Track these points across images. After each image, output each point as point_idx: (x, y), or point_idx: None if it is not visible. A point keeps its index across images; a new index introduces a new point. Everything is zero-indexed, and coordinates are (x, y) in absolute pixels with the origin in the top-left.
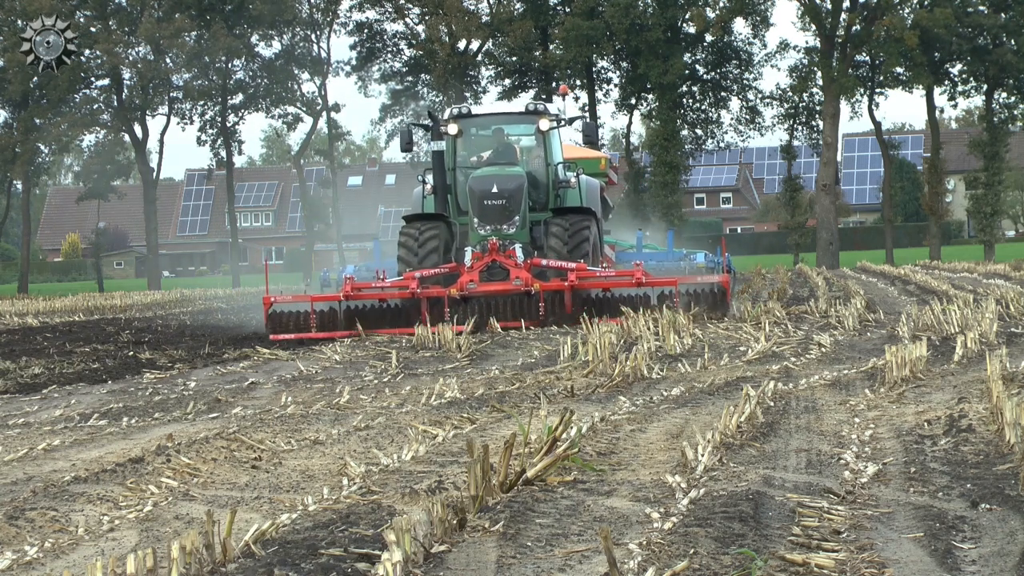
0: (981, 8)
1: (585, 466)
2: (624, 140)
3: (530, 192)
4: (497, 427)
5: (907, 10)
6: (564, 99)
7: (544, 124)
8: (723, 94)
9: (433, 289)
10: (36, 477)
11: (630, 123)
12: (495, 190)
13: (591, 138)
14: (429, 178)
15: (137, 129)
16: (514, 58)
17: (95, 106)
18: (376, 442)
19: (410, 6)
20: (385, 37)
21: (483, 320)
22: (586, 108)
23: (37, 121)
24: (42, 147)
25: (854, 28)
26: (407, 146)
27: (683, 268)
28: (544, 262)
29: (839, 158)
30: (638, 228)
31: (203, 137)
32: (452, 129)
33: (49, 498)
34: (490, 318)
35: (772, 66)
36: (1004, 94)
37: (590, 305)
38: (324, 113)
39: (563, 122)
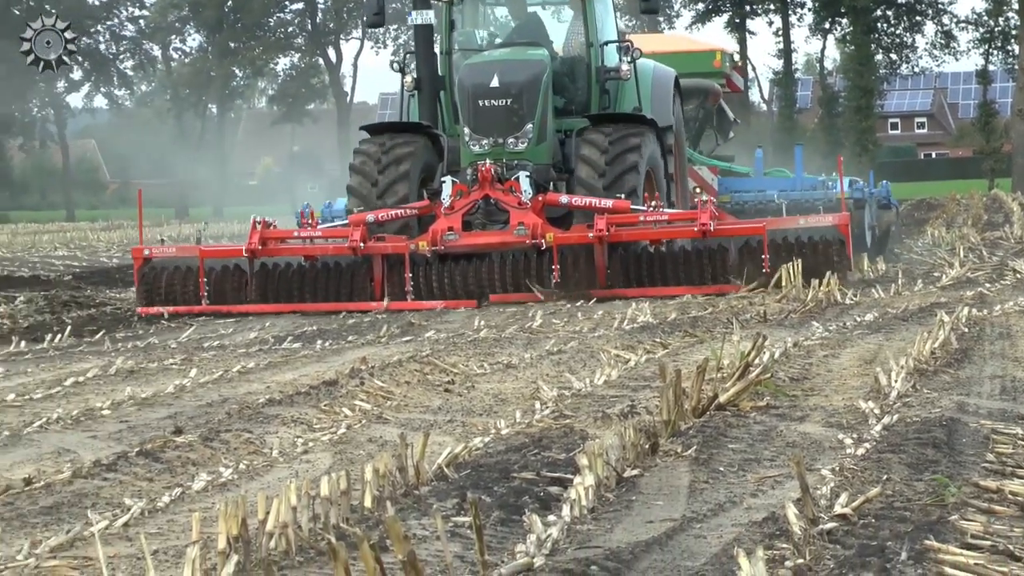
0: None
1: (778, 391)
2: (818, 65)
3: (564, 87)
4: (689, 352)
5: None
6: None
7: None
8: (917, 18)
9: (389, 242)
10: (231, 399)
11: (824, 48)
12: (495, 83)
13: (651, 4)
14: (414, 67)
15: (331, 53)
16: None
17: (289, 29)
18: (568, 366)
19: None
20: None
21: (475, 290)
22: (780, 32)
23: (232, 45)
24: (236, 71)
25: None
26: (376, 18)
27: (814, 202)
28: (564, 198)
29: None
30: (757, 146)
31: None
32: None
33: (244, 420)
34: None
35: None
36: None
37: (637, 267)
38: None
39: None
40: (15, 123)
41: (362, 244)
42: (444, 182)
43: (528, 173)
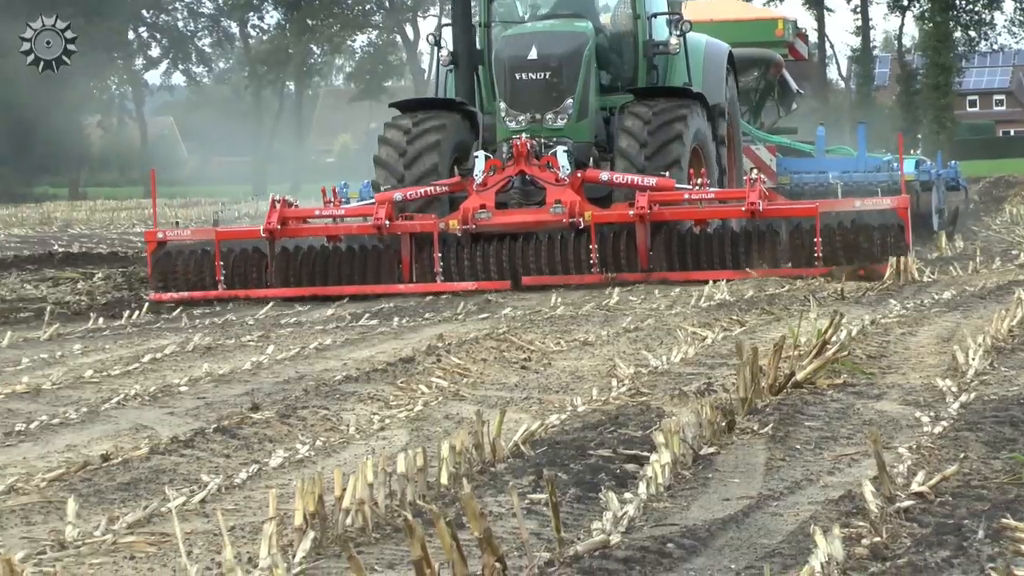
0: None
1: (855, 369)
2: (896, 41)
3: (610, 63)
4: (766, 329)
5: None
6: None
7: None
8: None
9: (417, 221)
10: (308, 376)
11: (902, 24)
12: (533, 56)
13: None
14: (449, 39)
15: (408, 30)
16: None
17: (367, 7)
18: (645, 343)
19: None
20: None
21: (508, 272)
22: (858, 9)
23: (309, 22)
24: (314, 48)
25: None
26: None
27: (877, 184)
28: (604, 175)
29: None
30: (819, 122)
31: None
32: None
33: (320, 397)
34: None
35: None
36: None
37: (681, 248)
38: None
39: None
40: (93, 101)
41: (387, 223)
42: (476, 157)
43: (567, 148)
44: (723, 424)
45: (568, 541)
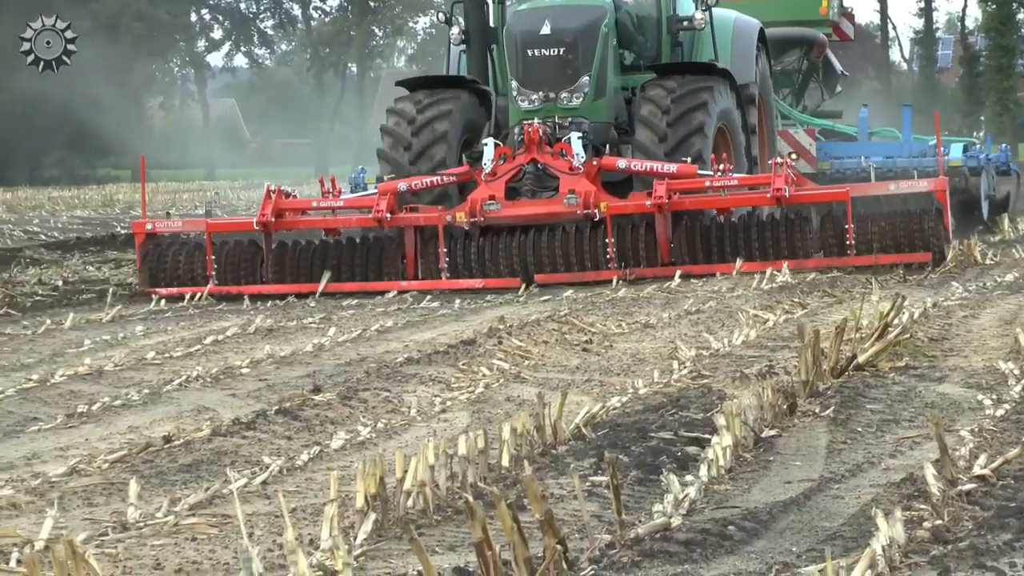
0: None
1: (917, 352)
2: (959, 23)
3: (632, 39)
4: (828, 312)
5: None
6: None
7: None
8: None
9: (421, 213)
10: (369, 358)
11: (965, 6)
12: (546, 31)
13: None
14: (461, 17)
15: None
16: None
17: None
18: (707, 326)
19: None
20: None
21: (519, 268)
22: None
23: (372, 4)
24: (376, 30)
25: None
26: None
27: (923, 169)
28: (621, 162)
29: None
30: (863, 104)
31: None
32: None
33: (382, 379)
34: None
35: None
36: None
37: (706, 239)
38: None
39: None
40: (156, 83)
41: (388, 215)
42: (486, 144)
43: (581, 134)
44: (784, 407)
45: (629, 523)
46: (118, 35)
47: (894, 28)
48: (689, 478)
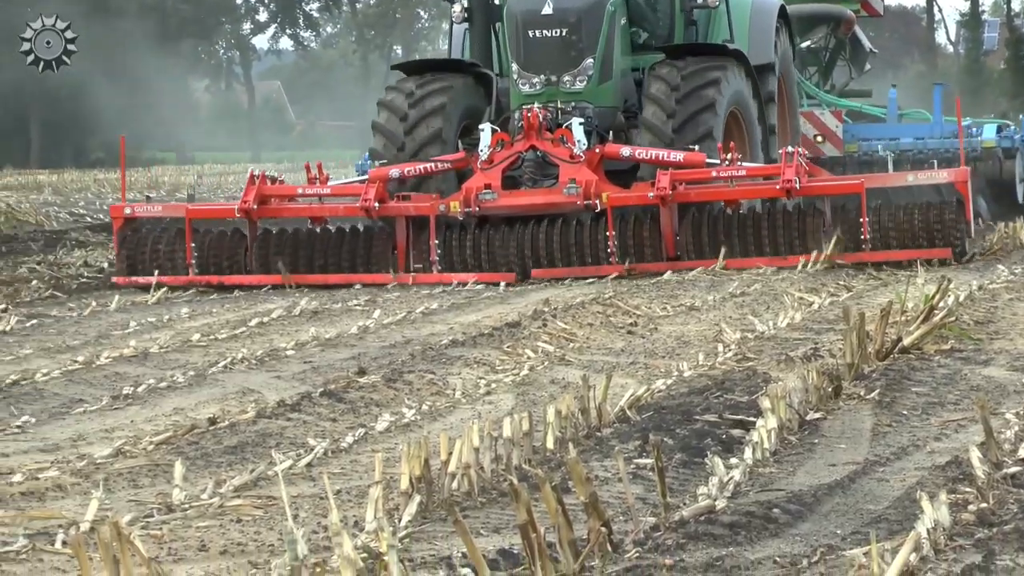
0: None
1: (962, 335)
2: (1005, 6)
3: (644, 18)
4: (873, 295)
5: None
6: None
7: None
8: None
9: (412, 202)
10: (414, 340)
11: None
12: (548, 10)
13: None
14: None
15: None
16: None
17: None
18: (751, 308)
19: None
20: None
21: (515, 261)
22: None
23: None
24: (421, 13)
25: None
26: None
27: (954, 151)
28: (625, 150)
29: None
30: (892, 84)
31: None
32: None
33: (427, 361)
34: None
35: None
36: None
37: (713, 232)
38: None
39: None
40: (201, 64)
41: (376, 204)
42: (483, 130)
43: (583, 120)
44: (829, 389)
45: (674, 506)
46: (164, 18)
47: (940, 11)
48: (734, 461)
